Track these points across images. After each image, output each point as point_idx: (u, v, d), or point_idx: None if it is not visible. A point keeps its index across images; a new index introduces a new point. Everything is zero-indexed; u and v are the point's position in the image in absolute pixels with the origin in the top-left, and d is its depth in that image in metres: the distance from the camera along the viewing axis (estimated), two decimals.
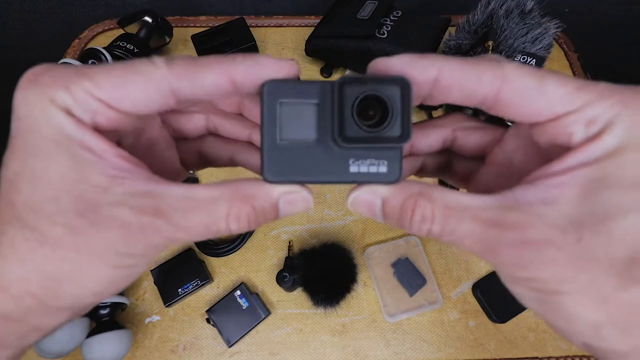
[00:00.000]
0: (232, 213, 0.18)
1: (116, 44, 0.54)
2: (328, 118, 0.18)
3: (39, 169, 0.17)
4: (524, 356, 0.46)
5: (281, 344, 0.46)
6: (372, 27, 0.57)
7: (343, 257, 0.48)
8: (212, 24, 0.65)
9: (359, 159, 0.18)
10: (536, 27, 0.51)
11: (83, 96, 0.18)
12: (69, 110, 0.18)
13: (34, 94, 0.18)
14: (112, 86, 0.18)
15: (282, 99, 0.18)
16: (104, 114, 0.18)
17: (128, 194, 0.18)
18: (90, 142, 0.18)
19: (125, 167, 0.18)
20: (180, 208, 0.18)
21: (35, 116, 0.18)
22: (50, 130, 0.17)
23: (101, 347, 0.40)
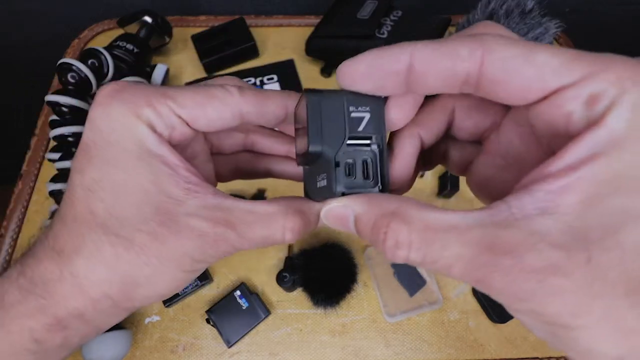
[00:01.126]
0: (288, 226, 0.20)
1: (116, 44, 0.54)
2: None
3: (120, 180, 0.19)
4: (524, 356, 0.46)
5: (281, 344, 0.46)
6: (372, 27, 0.57)
7: (343, 257, 0.48)
8: (212, 24, 0.65)
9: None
10: (536, 26, 0.51)
11: (166, 113, 0.19)
12: (152, 125, 0.19)
13: (117, 109, 0.19)
14: (193, 107, 0.20)
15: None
16: (179, 130, 0.20)
17: (202, 206, 0.19)
18: (167, 156, 0.20)
19: (195, 181, 0.20)
20: (245, 221, 0.20)
21: (119, 129, 0.19)
22: (132, 144, 0.19)
23: (101, 347, 0.40)
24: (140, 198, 0.19)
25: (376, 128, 0.19)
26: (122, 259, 0.18)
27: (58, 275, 0.19)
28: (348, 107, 0.19)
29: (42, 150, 0.56)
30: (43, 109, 0.59)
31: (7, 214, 0.52)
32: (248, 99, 0.21)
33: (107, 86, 0.20)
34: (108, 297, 0.19)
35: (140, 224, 0.19)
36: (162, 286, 0.20)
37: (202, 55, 0.61)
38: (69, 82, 0.48)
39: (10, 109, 0.88)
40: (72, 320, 0.19)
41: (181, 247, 0.19)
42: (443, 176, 0.54)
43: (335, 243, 0.49)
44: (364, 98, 0.19)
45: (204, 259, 0.20)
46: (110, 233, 0.19)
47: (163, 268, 0.19)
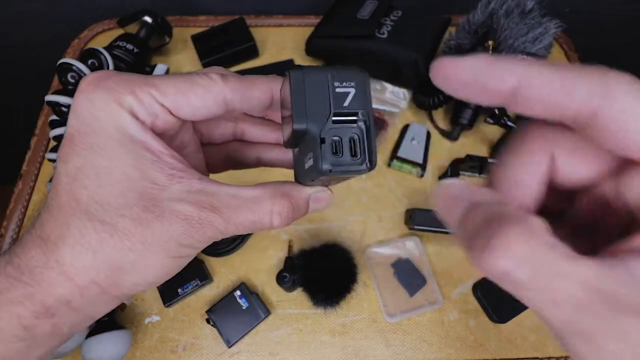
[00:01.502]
0: (275, 210, 0.20)
1: (116, 44, 0.54)
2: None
3: (104, 166, 0.19)
4: (524, 356, 0.46)
5: (281, 344, 0.46)
6: (372, 27, 0.57)
7: (343, 257, 0.48)
8: (212, 24, 0.65)
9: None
10: (536, 26, 0.51)
11: (148, 101, 0.20)
12: (134, 113, 0.19)
13: (100, 97, 0.19)
14: (175, 94, 0.20)
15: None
16: (163, 119, 0.20)
17: (186, 191, 0.19)
18: (150, 143, 0.20)
19: (179, 167, 0.20)
20: (231, 205, 0.20)
21: (101, 117, 0.19)
22: (115, 131, 0.19)
23: (101, 347, 0.40)
24: (124, 184, 0.19)
25: (362, 103, 0.19)
26: (107, 244, 0.19)
27: (44, 263, 0.19)
28: (333, 83, 0.19)
29: (42, 150, 0.56)
30: (43, 109, 0.59)
31: (7, 214, 0.52)
32: (231, 85, 0.21)
33: (90, 75, 0.20)
34: (95, 283, 0.19)
35: (124, 209, 0.19)
36: (150, 273, 0.20)
37: (202, 55, 0.61)
38: (69, 82, 0.48)
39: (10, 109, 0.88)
40: (60, 307, 0.19)
41: (166, 232, 0.19)
42: (443, 176, 0.54)
43: (335, 243, 0.49)
44: (348, 73, 0.19)
45: (190, 243, 0.19)
46: (95, 219, 0.19)
47: (148, 254, 0.19)
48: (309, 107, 0.19)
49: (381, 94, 0.60)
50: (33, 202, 0.53)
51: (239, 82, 0.21)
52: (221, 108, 0.21)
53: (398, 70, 0.57)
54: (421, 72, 0.56)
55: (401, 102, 0.60)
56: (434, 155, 0.57)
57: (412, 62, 0.56)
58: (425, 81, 0.57)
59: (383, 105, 0.60)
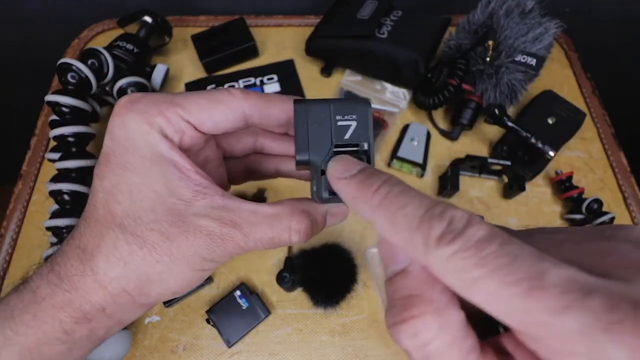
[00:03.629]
0: (294, 227, 0.21)
1: (116, 44, 0.54)
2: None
3: (136, 183, 0.20)
4: None
5: (281, 344, 0.46)
6: (372, 27, 0.57)
7: (343, 257, 0.48)
8: (212, 24, 0.65)
9: None
10: (536, 26, 0.51)
11: (175, 119, 0.21)
12: (163, 132, 0.21)
13: (133, 119, 0.21)
14: (200, 111, 0.21)
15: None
16: (189, 134, 0.22)
17: (210, 207, 0.21)
18: (178, 161, 0.21)
19: (204, 184, 0.21)
20: (251, 221, 0.21)
21: (134, 138, 0.21)
22: (146, 150, 0.21)
23: (101, 347, 0.40)
24: (154, 200, 0.20)
25: (363, 135, 0.20)
26: (137, 256, 0.20)
27: (81, 271, 0.20)
28: (335, 116, 0.20)
29: (42, 150, 0.56)
30: (43, 109, 0.59)
31: (7, 214, 0.51)
32: (251, 101, 0.22)
33: (124, 98, 0.22)
34: (126, 292, 0.20)
35: (153, 224, 0.20)
36: (174, 284, 0.21)
37: (202, 55, 0.61)
38: (69, 82, 0.48)
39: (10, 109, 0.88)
40: (96, 313, 0.21)
41: (190, 246, 0.20)
42: (443, 176, 0.54)
43: (335, 243, 0.49)
44: (350, 106, 0.20)
45: (212, 258, 0.21)
46: (127, 232, 0.20)
47: (174, 266, 0.20)
48: (311, 140, 0.20)
49: (381, 94, 0.60)
50: (33, 202, 0.53)
51: (258, 99, 0.22)
52: (241, 122, 0.22)
53: (398, 70, 0.57)
54: (421, 72, 0.56)
55: (401, 102, 0.60)
56: (434, 155, 0.57)
57: (412, 62, 0.56)
58: (425, 81, 0.57)
59: (383, 105, 0.60)
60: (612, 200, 0.55)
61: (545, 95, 0.56)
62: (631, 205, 0.54)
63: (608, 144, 0.59)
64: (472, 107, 0.56)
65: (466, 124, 0.56)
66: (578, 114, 0.54)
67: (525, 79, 0.53)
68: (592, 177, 0.56)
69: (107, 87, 0.52)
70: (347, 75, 0.62)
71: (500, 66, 0.52)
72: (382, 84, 0.61)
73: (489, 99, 0.54)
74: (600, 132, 0.60)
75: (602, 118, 0.61)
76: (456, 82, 0.53)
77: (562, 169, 0.55)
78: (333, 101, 0.20)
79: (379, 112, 0.59)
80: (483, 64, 0.52)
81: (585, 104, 0.62)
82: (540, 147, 0.50)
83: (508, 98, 0.54)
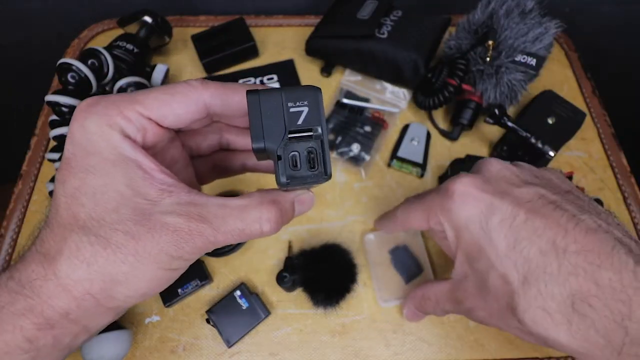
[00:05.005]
0: (264, 217, 0.21)
1: (116, 44, 0.54)
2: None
3: (99, 186, 0.20)
4: (524, 356, 0.46)
5: (281, 344, 0.46)
6: (372, 27, 0.57)
7: (343, 257, 0.48)
8: (212, 23, 0.65)
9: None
10: (537, 26, 0.51)
11: (135, 117, 0.21)
12: (124, 132, 0.21)
13: (92, 121, 0.21)
14: (159, 106, 0.21)
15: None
16: (152, 131, 0.22)
17: (176, 203, 0.20)
18: (141, 161, 0.21)
19: (169, 182, 0.21)
20: (219, 215, 0.21)
21: (94, 140, 0.21)
22: (108, 152, 0.20)
23: (101, 347, 0.40)
24: (118, 201, 0.20)
25: (315, 120, 0.21)
26: (100, 257, 0.19)
27: (43, 275, 0.20)
28: (286, 103, 0.20)
29: (42, 150, 0.56)
30: (43, 109, 0.59)
31: (7, 214, 0.51)
32: (211, 91, 0.22)
33: (82, 102, 0.22)
34: (90, 295, 0.20)
35: (117, 224, 0.20)
36: (142, 285, 0.21)
37: (202, 55, 0.61)
38: (69, 82, 0.48)
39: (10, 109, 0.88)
40: (60, 319, 0.20)
41: (157, 244, 0.20)
42: (443, 176, 0.54)
43: (335, 243, 0.49)
44: (301, 93, 0.21)
45: (180, 255, 0.20)
46: (91, 234, 0.20)
47: (141, 265, 0.20)
48: (265, 127, 0.20)
49: (381, 94, 0.60)
50: (33, 202, 0.53)
51: (218, 88, 0.22)
52: (203, 113, 0.22)
53: (398, 70, 0.57)
54: (421, 72, 0.56)
55: (401, 102, 0.60)
56: (434, 155, 0.57)
57: (412, 62, 0.56)
58: (425, 81, 0.57)
59: (383, 105, 0.60)
60: (612, 200, 0.55)
61: (545, 95, 0.56)
62: (631, 205, 0.54)
63: (608, 144, 0.59)
64: (472, 107, 0.56)
65: (466, 124, 0.56)
66: (578, 114, 0.54)
67: (525, 79, 0.53)
68: (592, 177, 0.56)
69: (107, 87, 0.52)
70: (347, 75, 0.62)
71: (500, 66, 0.52)
72: (382, 84, 0.61)
73: (489, 99, 0.54)
74: (600, 132, 0.60)
75: (602, 118, 0.61)
76: (456, 82, 0.53)
77: (562, 169, 0.55)
78: (284, 89, 0.21)
79: (379, 112, 0.59)
80: (483, 64, 0.52)
81: (585, 104, 0.62)
82: (540, 147, 0.50)
83: (508, 98, 0.54)
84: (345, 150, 0.56)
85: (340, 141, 0.56)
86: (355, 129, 0.57)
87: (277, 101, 0.20)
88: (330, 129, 0.57)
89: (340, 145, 0.56)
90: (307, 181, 0.21)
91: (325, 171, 0.21)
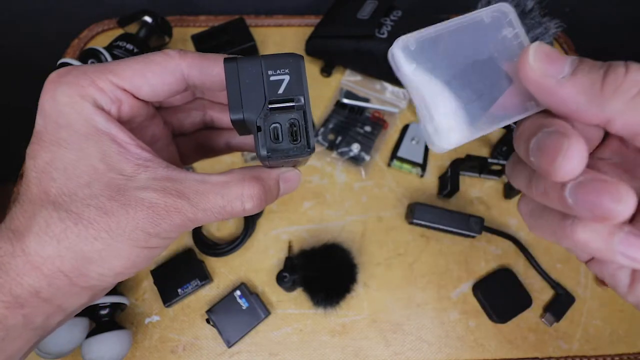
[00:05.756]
0: (246, 193, 0.20)
1: (116, 44, 0.54)
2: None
3: (71, 160, 0.19)
4: (524, 356, 0.46)
5: (281, 344, 0.46)
6: (372, 27, 0.57)
7: (343, 257, 0.48)
8: (212, 23, 0.65)
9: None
10: (536, 26, 0.51)
11: (109, 87, 0.20)
12: (97, 103, 0.20)
13: (62, 92, 0.20)
14: (133, 76, 0.20)
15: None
16: (127, 103, 0.21)
17: (152, 179, 0.19)
18: (116, 134, 0.20)
19: (146, 157, 0.20)
20: (199, 191, 0.20)
21: (65, 112, 0.19)
22: (80, 124, 0.19)
23: (101, 347, 0.40)
24: (91, 175, 0.19)
25: (297, 89, 0.19)
26: (72, 233, 0.19)
27: (11, 252, 0.19)
28: (267, 71, 0.19)
29: None
30: None
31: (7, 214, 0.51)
32: (189, 60, 0.21)
33: (52, 73, 0.21)
34: (61, 272, 0.19)
35: (89, 199, 0.19)
36: (118, 263, 0.20)
37: None
38: None
39: (10, 109, 0.88)
40: (29, 298, 0.19)
41: (132, 220, 0.19)
42: (443, 176, 0.54)
43: (335, 243, 0.49)
44: (282, 60, 0.19)
45: (157, 232, 0.19)
46: (61, 209, 0.19)
47: (114, 242, 0.19)
48: (244, 97, 0.19)
49: (381, 94, 0.60)
50: None
51: (196, 57, 0.21)
52: (181, 84, 0.21)
53: None
54: None
55: (401, 102, 0.60)
56: (434, 155, 0.57)
57: None
58: None
59: (383, 105, 0.60)
60: None
61: None
62: None
63: None
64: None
65: None
66: None
67: None
68: None
69: None
70: (347, 75, 0.62)
71: None
72: (382, 84, 0.61)
73: None
74: None
75: None
76: None
77: None
78: (264, 56, 0.19)
79: (379, 112, 0.59)
80: None
81: None
82: None
83: None
84: (345, 150, 0.56)
85: (340, 141, 0.56)
86: (355, 129, 0.57)
87: (257, 69, 0.19)
88: (330, 129, 0.57)
89: (340, 145, 0.56)
90: (289, 154, 0.20)
91: (309, 144, 0.20)
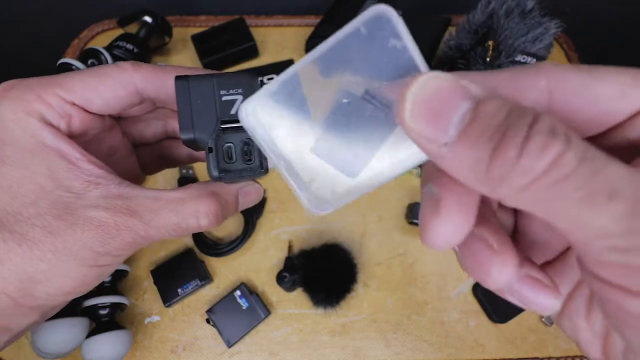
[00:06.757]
0: (201, 210, 0.20)
1: (116, 44, 0.54)
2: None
3: (16, 178, 0.18)
4: (524, 356, 0.46)
5: (281, 344, 0.46)
6: None
7: (343, 257, 0.48)
8: (212, 23, 0.65)
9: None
10: (536, 26, 0.51)
11: (57, 102, 0.19)
12: (44, 118, 0.19)
13: (7, 107, 0.19)
14: (84, 89, 0.19)
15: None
16: (78, 117, 0.20)
17: (102, 196, 0.19)
18: (65, 150, 0.19)
19: (98, 173, 0.19)
20: (152, 208, 0.19)
21: (10, 128, 0.19)
22: (26, 141, 0.19)
23: (101, 348, 0.40)
24: (37, 194, 0.18)
25: None
26: (15, 254, 0.18)
27: None
28: (219, 91, 0.19)
29: None
30: None
31: None
32: (143, 74, 0.20)
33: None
34: (5, 294, 0.18)
35: (35, 218, 0.18)
36: (66, 283, 0.19)
37: (202, 55, 0.61)
38: None
39: None
40: None
41: (79, 240, 0.18)
42: None
43: (335, 243, 0.49)
44: (235, 80, 0.19)
45: (107, 251, 0.19)
46: (5, 230, 0.18)
47: (61, 263, 0.18)
48: (195, 117, 0.19)
49: None
50: None
51: (151, 71, 0.21)
52: (134, 97, 0.21)
53: None
54: None
55: None
56: None
57: None
58: None
59: None
60: None
61: None
62: None
63: None
64: None
65: None
66: None
67: None
68: None
69: None
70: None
71: (500, 66, 0.52)
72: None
73: None
74: None
75: None
76: None
77: None
78: (217, 75, 0.19)
79: None
80: (483, 64, 0.52)
81: None
82: None
83: None
84: None
85: None
86: None
87: (209, 88, 0.19)
88: None
89: None
90: (243, 175, 0.19)
91: (262, 165, 0.19)
